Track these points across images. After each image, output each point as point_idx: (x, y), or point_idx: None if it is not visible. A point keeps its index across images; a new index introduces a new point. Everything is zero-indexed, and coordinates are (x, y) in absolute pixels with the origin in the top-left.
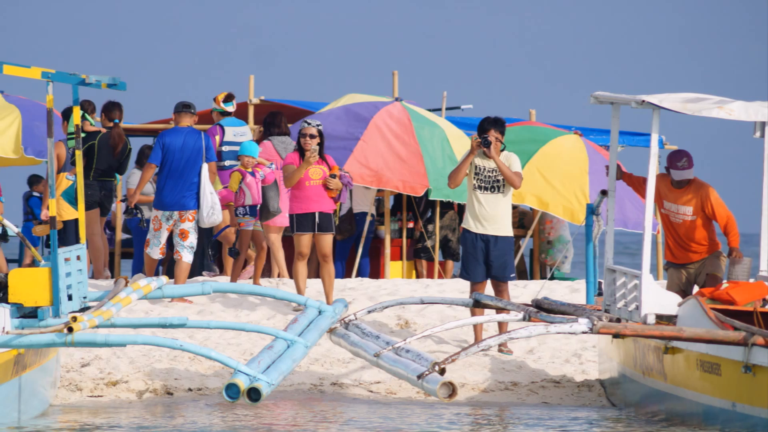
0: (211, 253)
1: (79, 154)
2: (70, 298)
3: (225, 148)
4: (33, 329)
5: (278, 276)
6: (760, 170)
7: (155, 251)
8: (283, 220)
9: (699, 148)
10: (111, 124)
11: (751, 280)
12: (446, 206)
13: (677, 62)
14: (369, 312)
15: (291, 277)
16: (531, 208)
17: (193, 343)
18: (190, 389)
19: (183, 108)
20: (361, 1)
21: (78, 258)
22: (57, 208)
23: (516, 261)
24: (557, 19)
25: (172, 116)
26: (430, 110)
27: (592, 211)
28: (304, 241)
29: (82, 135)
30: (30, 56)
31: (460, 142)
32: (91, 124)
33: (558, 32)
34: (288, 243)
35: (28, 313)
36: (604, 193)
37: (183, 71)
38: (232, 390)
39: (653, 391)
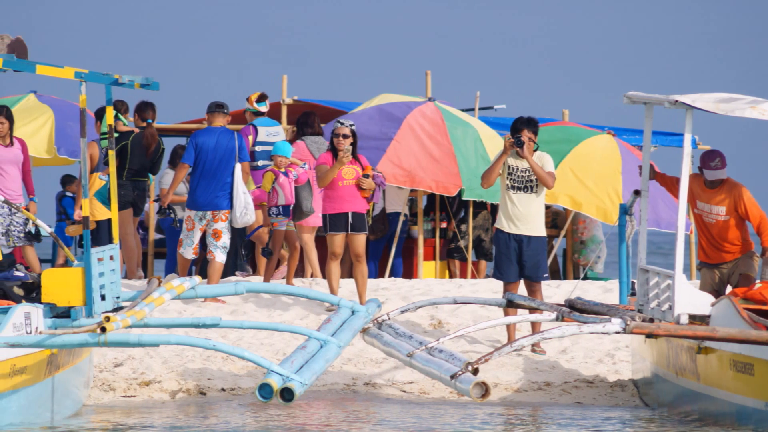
0: (244, 253)
1: (112, 154)
2: (103, 298)
3: (258, 148)
4: (66, 329)
5: (311, 276)
6: None
7: (188, 251)
8: (316, 220)
9: (732, 148)
10: (144, 124)
11: None
12: (479, 206)
13: (710, 62)
14: (402, 312)
15: (324, 277)
16: (564, 208)
17: (226, 343)
18: (223, 389)
19: (216, 108)
20: (394, 0)
21: (111, 258)
22: (90, 208)
23: (549, 261)
24: (590, 18)
25: (205, 116)
26: (463, 110)
27: (625, 211)
28: (337, 241)
29: (115, 135)
30: (62, 56)
31: (493, 142)
32: (124, 124)
33: (591, 32)
34: (321, 243)
35: (61, 313)
36: (637, 193)
37: (216, 71)
38: (265, 390)
39: (686, 391)
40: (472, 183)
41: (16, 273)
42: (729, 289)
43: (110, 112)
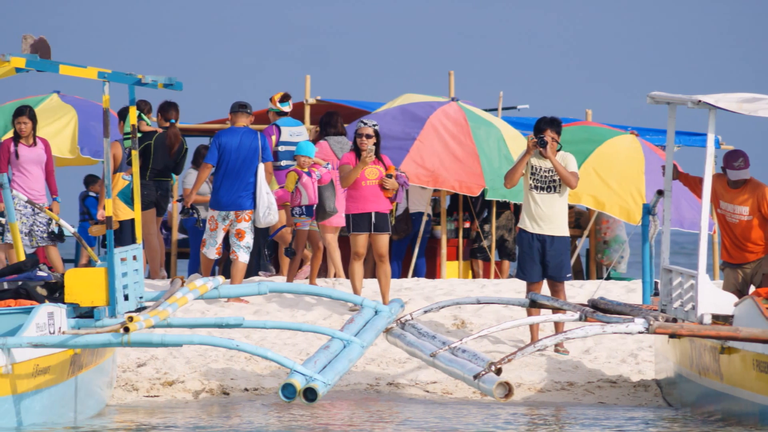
0: (268, 253)
1: (135, 154)
2: (126, 298)
3: (281, 148)
4: (89, 329)
5: (334, 276)
6: None
7: (211, 251)
8: (339, 220)
9: (755, 148)
10: (167, 124)
11: None
12: (502, 206)
13: (734, 62)
14: (425, 312)
15: (347, 277)
16: (587, 208)
17: (250, 343)
18: (246, 389)
19: (239, 108)
20: (417, 0)
21: (134, 258)
22: (113, 208)
23: (572, 261)
24: (613, 18)
25: (229, 116)
26: (486, 110)
27: (648, 211)
28: (361, 241)
29: (139, 135)
30: (85, 56)
31: (517, 142)
32: (147, 124)
33: (614, 32)
34: (344, 243)
35: (84, 313)
36: (660, 193)
37: (239, 71)
38: (288, 390)
39: (709, 391)
40: (495, 183)
41: (39, 273)
42: (752, 289)
43: (133, 112)
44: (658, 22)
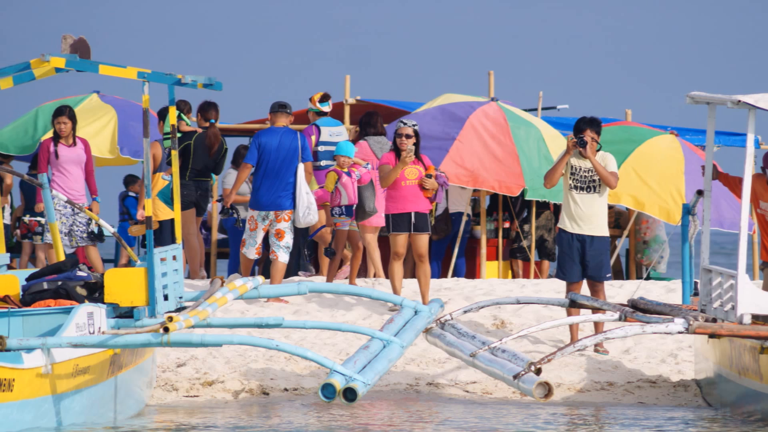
0: (307, 253)
1: (175, 154)
2: (166, 298)
3: (321, 148)
4: (129, 329)
5: (374, 276)
6: None
7: (251, 251)
8: (378, 220)
9: None
10: (207, 124)
11: None
12: (542, 206)
13: None
14: (465, 312)
15: (387, 277)
16: (627, 208)
17: (289, 343)
18: (285, 389)
19: (279, 108)
20: (457, 1)
21: (174, 258)
22: (153, 208)
23: (612, 261)
24: (653, 18)
25: (268, 116)
26: (525, 110)
27: (688, 211)
28: (400, 241)
29: (178, 135)
30: (125, 56)
31: (556, 142)
32: (187, 124)
33: (654, 32)
34: (384, 243)
35: (124, 313)
36: (700, 193)
37: (278, 71)
38: (328, 390)
39: (749, 391)
40: (534, 183)
41: (79, 273)
42: None
43: (173, 112)
44: (697, 21)
